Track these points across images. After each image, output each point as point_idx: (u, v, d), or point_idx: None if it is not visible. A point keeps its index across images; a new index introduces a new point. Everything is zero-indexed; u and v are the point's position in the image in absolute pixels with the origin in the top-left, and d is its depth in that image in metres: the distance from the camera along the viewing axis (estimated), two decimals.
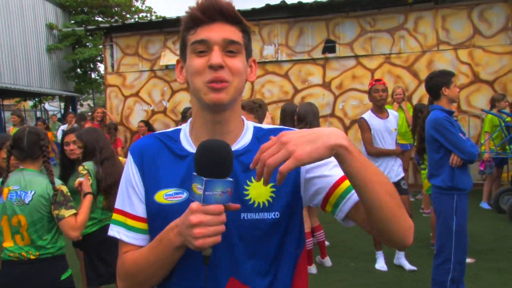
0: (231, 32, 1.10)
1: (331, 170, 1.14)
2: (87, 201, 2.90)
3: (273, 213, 1.12)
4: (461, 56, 8.45)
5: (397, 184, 4.49)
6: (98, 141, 3.41)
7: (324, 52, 9.08)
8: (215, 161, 0.98)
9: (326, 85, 9.08)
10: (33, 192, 2.51)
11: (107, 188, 3.29)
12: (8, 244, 2.53)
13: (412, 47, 8.70)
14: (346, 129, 9.00)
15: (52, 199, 2.55)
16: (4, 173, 2.59)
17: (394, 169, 4.57)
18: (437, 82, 3.55)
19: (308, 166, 1.14)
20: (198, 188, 0.98)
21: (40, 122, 13.85)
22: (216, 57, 1.06)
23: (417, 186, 7.95)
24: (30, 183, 2.53)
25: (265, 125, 1.26)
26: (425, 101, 6.96)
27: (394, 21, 8.76)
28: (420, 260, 4.81)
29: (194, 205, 0.97)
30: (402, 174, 4.64)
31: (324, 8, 8.88)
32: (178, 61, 1.21)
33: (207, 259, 1.01)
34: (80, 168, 3.28)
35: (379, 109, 4.63)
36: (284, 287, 1.16)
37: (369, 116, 4.64)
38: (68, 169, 3.65)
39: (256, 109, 3.06)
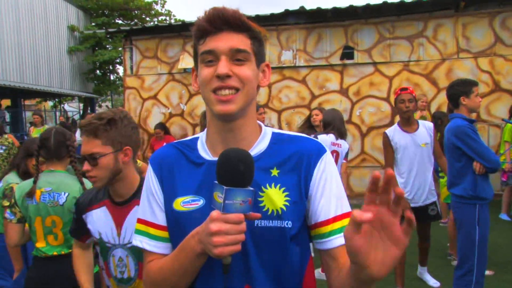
0: (238, 41, 1.10)
1: (331, 203, 1.16)
2: None
3: (286, 221, 1.12)
4: (481, 65, 8.34)
5: (424, 209, 4.17)
6: None
7: (342, 58, 9.05)
8: (236, 170, 0.99)
9: (343, 91, 9.05)
10: (67, 194, 2.55)
11: None
12: (40, 244, 2.58)
13: (431, 55, 8.62)
14: (363, 136, 8.95)
15: None
16: (34, 173, 2.63)
17: (423, 194, 4.12)
18: (456, 91, 3.49)
19: (317, 186, 1.16)
20: (219, 196, 0.99)
21: (59, 125, 14.03)
22: (223, 66, 1.07)
23: None
24: (63, 184, 2.57)
25: (286, 131, 1.26)
26: (444, 109, 6.90)
27: (413, 28, 8.70)
28: (437, 270, 4.75)
29: (214, 213, 0.98)
30: (433, 199, 4.19)
31: (343, 14, 8.86)
32: (193, 69, 1.23)
33: (227, 268, 1.02)
34: None
35: (406, 122, 4.11)
36: None
37: (392, 130, 4.19)
38: None
39: (104, 129, 1.80)
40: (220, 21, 1.09)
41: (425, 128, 4.14)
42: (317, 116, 5.31)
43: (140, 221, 1.23)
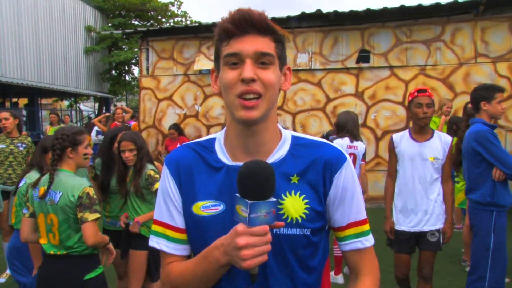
0: (264, 44, 1.08)
1: (352, 207, 1.19)
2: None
3: (305, 229, 1.13)
4: (500, 70, 8.24)
5: (421, 235, 3.45)
6: (145, 142, 3.51)
7: (358, 61, 9.02)
8: (259, 184, 0.99)
9: (359, 95, 9.02)
10: (60, 193, 2.57)
11: None
12: (43, 241, 2.64)
13: (448, 59, 8.54)
14: (378, 140, 8.90)
15: (77, 201, 2.55)
16: (44, 170, 2.73)
17: (423, 217, 3.41)
18: (478, 96, 3.42)
19: (336, 194, 1.17)
20: (242, 210, 0.99)
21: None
22: (248, 70, 1.05)
23: None
24: (60, 183, 2.59)
25: (305, 135, 1.24)
26: (460, 113, 6.82)
27: (430, 32, 8.63)
28: (450, 276, 4.70)
29: (240, 227, 0.99)
30: (437, 227, 3.42)
31: (360, 18, 8.83)
32: (213, 70, 1.20)
33: (255, 278, 1.02)
34: (152, 172, 3.35)
35: (420, 130, 3.42)
36: None
37: (400, 136, 3.56)
38: (111, 168, 3.67)
39: None
40: (246, 23, 1.06)
41: (441, 141, 3.42)
42: None
43: (157, 222, 1.22)
